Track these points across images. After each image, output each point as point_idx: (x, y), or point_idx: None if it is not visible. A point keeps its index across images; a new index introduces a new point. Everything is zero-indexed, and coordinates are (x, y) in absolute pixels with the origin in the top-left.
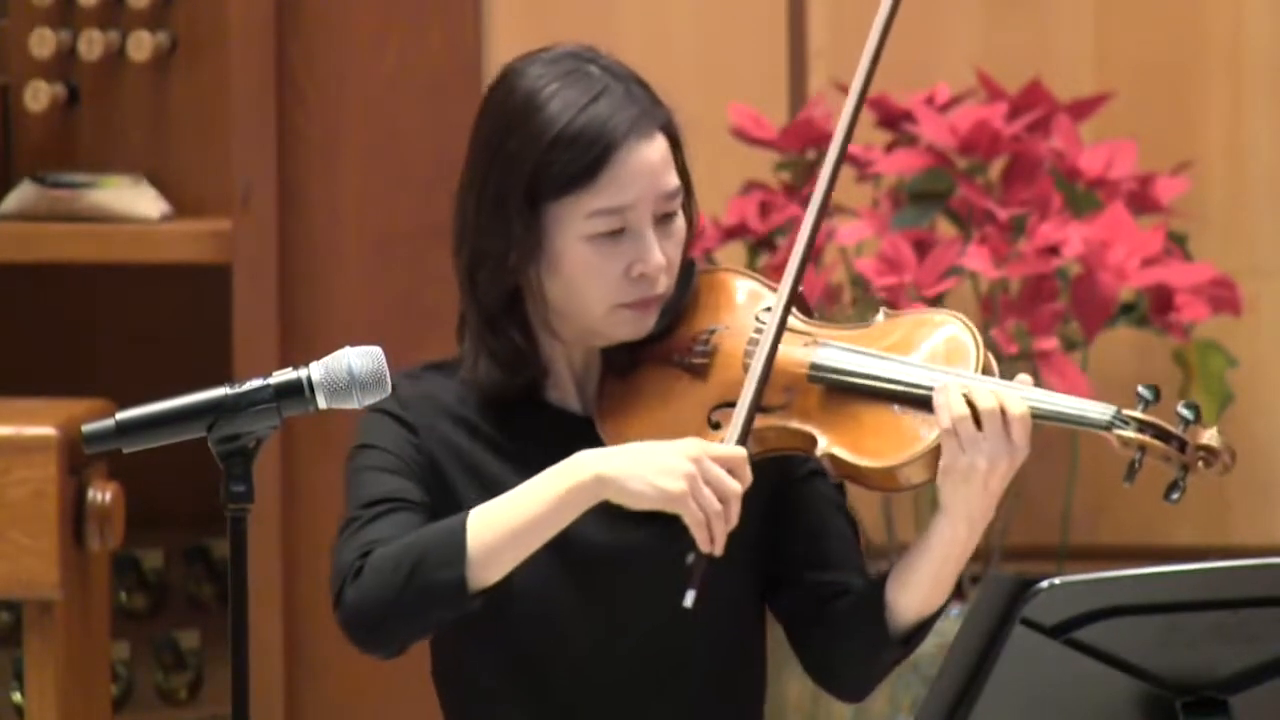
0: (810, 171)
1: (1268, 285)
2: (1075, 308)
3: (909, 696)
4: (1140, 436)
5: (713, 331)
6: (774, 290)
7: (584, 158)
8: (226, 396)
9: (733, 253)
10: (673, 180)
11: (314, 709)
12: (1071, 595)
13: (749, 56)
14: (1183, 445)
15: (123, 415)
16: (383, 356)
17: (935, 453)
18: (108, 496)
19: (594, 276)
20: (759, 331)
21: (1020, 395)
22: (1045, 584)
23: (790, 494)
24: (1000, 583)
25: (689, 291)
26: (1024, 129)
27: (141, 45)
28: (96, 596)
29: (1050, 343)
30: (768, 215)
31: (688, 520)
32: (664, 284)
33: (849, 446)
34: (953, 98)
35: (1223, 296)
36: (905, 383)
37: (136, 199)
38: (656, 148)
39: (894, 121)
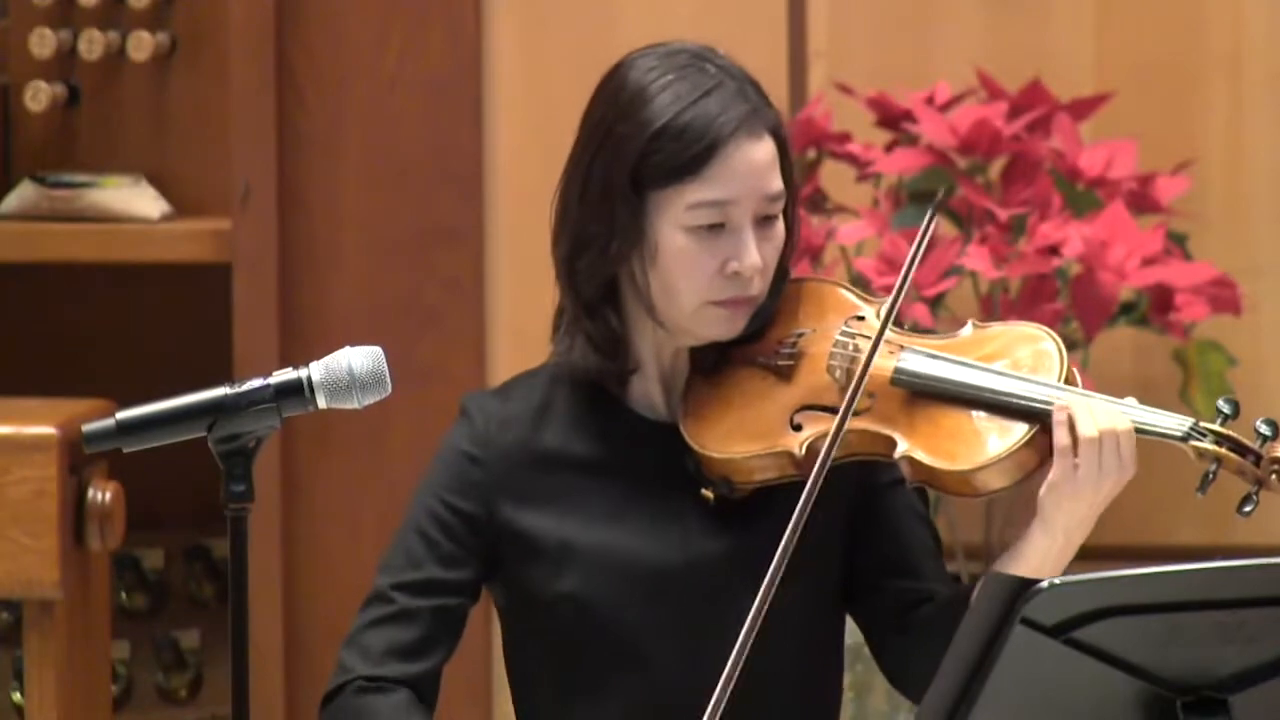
0: (810, 171)
1: (1268, 285)
2: (1075, 307)
3: None
4: (1216, 449)
5: (800, 335)
6: (864, 301)
7: (691, 149)
8: (226, 396)
9: None
10: (777, 183)
11: (314, 709)
12: (1071, 595)
13: (749, 56)
14: (1258, 459)
15: (123, 415)
16: (383, 356)
17: (1016, 459)
18: (108, 496)
19: (689, 269)
20: (845, 336)
21: (1120, 412)
22: (1045, 584)
23: (872, 502)
24: (1000, 582)
25: (778, 300)
26: (1024, 129)
27: (141, 45)
28: (96, 596)
29: None
30: None
31: None
32: (757, 286)
33: (927, 449)
34: (953, 97)
35: (1223, 296)
36: (990, 389)
37: (136, 199)
38: (764, 148)
39: (894, 121)
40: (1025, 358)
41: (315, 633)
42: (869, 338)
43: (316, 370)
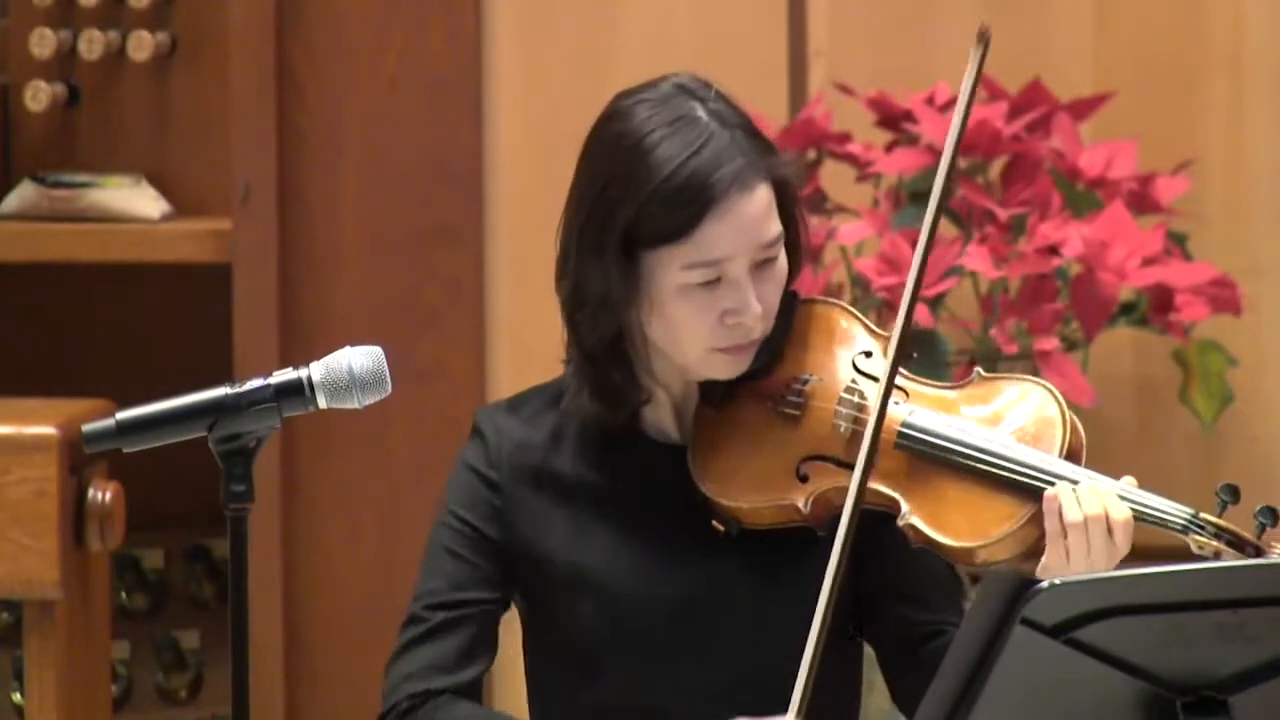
0: (810, 171)
1: (1268, 285)
2: (1075, 307)
3: None
4: (1215, 543)
5: (806, 381)
6: (873, 333)
7: (683, 213)
8: (226, 396)
9: None
10: (772, 229)
11: (314, 709)
12: (1071, 595)
13: (749, 56)
14: (1257, 550)
15: (123, 415)
16: (383, 356)
17: (1018, 536)
18: (108, 496)
19: (689, 323)
20: (852, 387)
21: (1118, 494)
22: (1045, 584)
23: (880, 528)
24: (1000, 582)
25: (790, 327)
26: (1024, 129)
27: (141, 45)
28: (96, 596)
29: (1050, 343)
30: None
31: None
32: (760, 330)
33: (929, 520)
34: (953, 97)
35: (1223, 296)
36: (994, 464)
37: (136, 199)
38: (758, 200)
39: (894, 121)
40: (1029, 425)
41: (315, 633)
42: (876, 379)
43: (316, 370)
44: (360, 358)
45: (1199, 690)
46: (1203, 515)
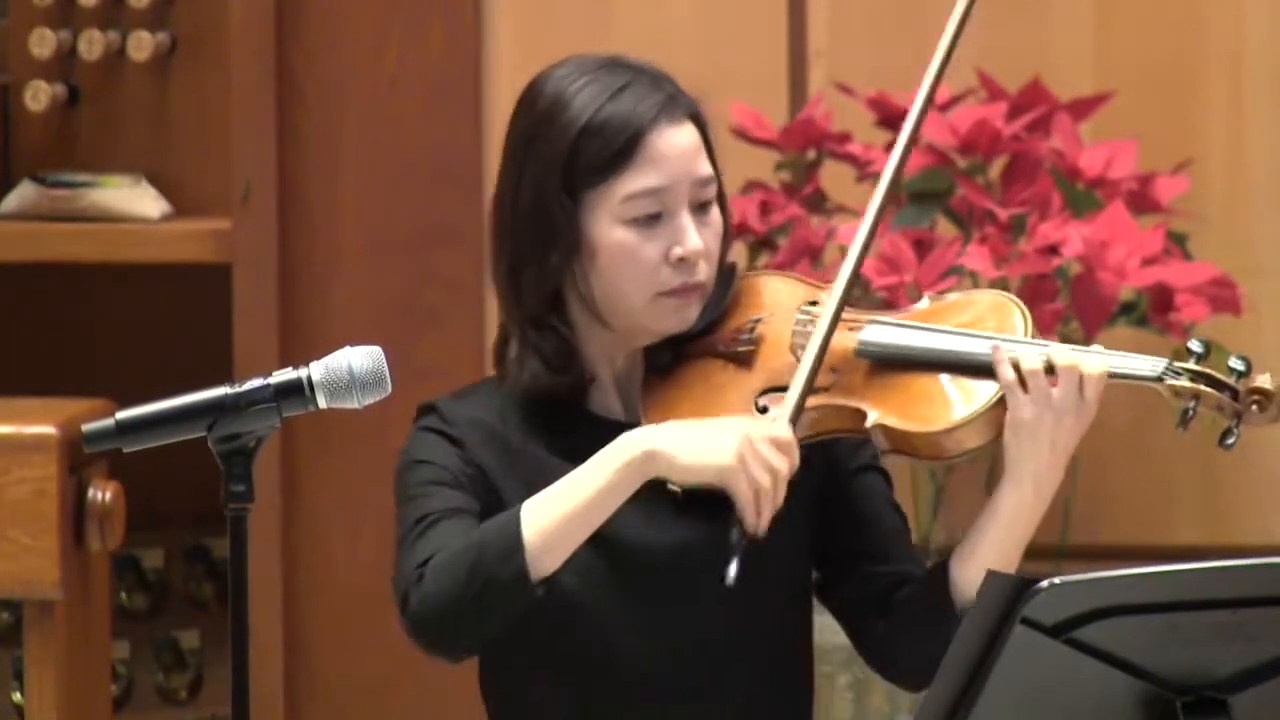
0: (810, 171)
1: (1268, 285)
2: (1075, 307)
3: (908, 696)
4: (1193, 385)
5: (757, 321)
6: (815, 287)
7: (616, 141)
8: (226, 396)
9: (733, 252)
10: (706, 167)
11: (314, 709)
12: (1071, 595)
13: (749, 56)
14: (1235, 393)
15: (123, 415)
16: (383, 356)
17: (987, 417)
18: (108, 496)
19: (634, 263)
20: (805, 319)
21: (1091, 356)
22: (1045, 583)
23: (840, 486)
24: (1000, 582)
25: (730, 293)
26: (1024, 129)
27: (141, 45)
28: (96, 596)
29: None
30: (768, 215)
31: (736, 495)
32: (704, 271)
33: (899, 415)
34: (953, 97)
35: (1223, 296)
36: (955, 349)
37: (136, 199)
38: (687, 132)
39: (894, 121)
40: (988, 317)
41: (315, 633)
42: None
43: (316, 370)
44: (360, 358)
45: (1199, 690)
46: (1177, 363)
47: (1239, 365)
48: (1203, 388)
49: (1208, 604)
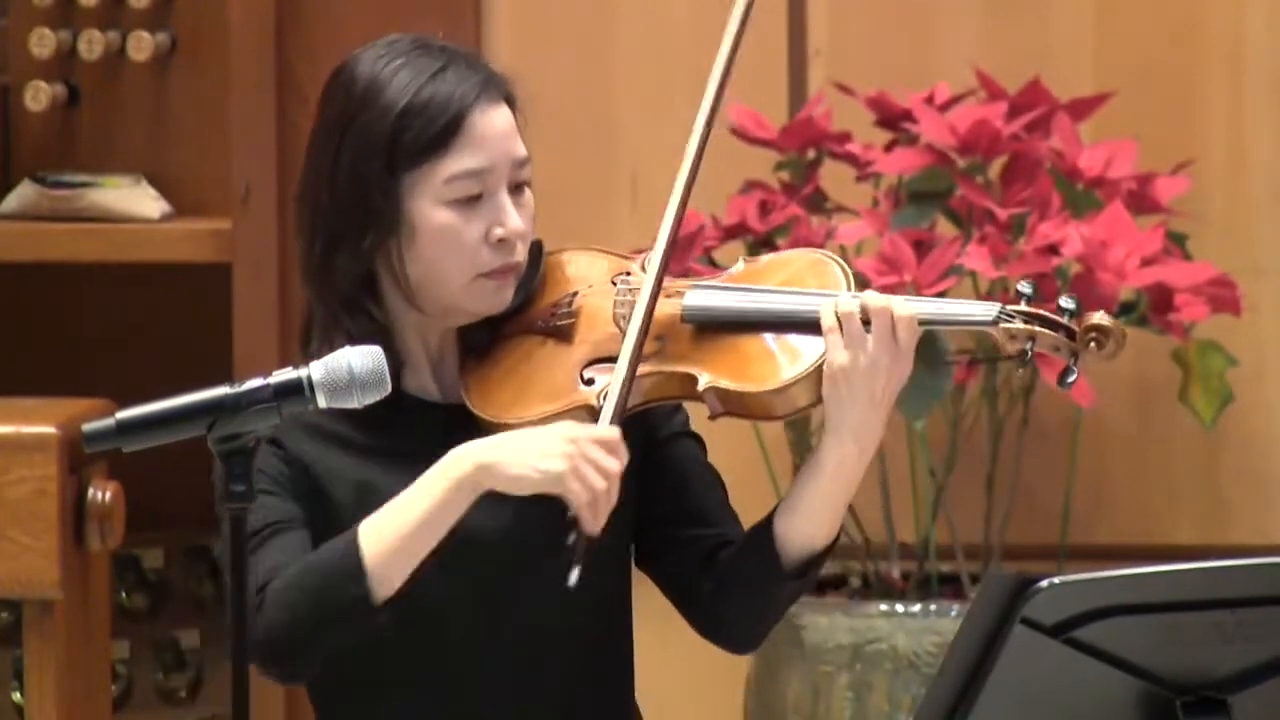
0: (810, 171)
1: (1268, 285)
2: None
3: (909, 696)
4: (1028, 327)
5: (574, 294)
6: (621, 258)
7: (438, 123)
8: (226, 396)
9: (732, 252)
10: (522, 148)
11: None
12: (1071, 594)
13: (749, 56)
14: (1070, 332)
15: (123, 415)
16: (383, 356)
17: (818, 373)
18: (108, 496)
19: (454, 243)
20: (626, 289)
21: (906, 301)
22: (1045, 583)
23: (656, 455)
24: (1000, 581)
25: (540, 270)
26: (1024, 128)
27: (141, 45)
28: (96, 596)
29: None
30: (767, 214)
31: (571, 500)
32: (520, 252)
33: (731, 376)
34: (953, 97)
35: (1223, 296)
36: (780, 308)
37: (136, 199)
38: (504, 114)
39: (894, 121)
40: (810, 277)
41: None
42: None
43: (316, 370)
44: (360, 357)
45: (1198, 690)
46: (1009, 307)
47: (1069, 304)
48: (1038, 328)
49: (1207, 604)
